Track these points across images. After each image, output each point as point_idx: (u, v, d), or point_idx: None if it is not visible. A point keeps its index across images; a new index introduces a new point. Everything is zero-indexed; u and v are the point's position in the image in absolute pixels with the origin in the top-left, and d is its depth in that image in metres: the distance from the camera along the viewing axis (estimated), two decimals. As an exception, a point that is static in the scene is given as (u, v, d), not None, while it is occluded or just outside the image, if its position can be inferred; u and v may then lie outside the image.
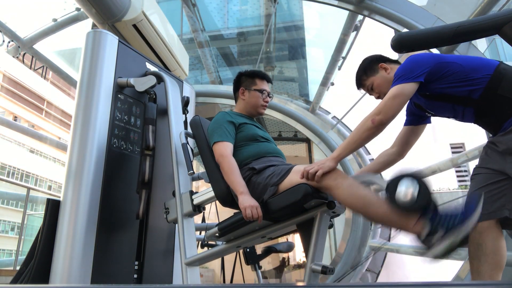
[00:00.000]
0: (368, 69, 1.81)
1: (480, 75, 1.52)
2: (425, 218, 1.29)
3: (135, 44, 3.11)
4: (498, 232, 1.49)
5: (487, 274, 1.44)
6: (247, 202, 1.57)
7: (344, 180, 1.45)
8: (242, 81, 2.07)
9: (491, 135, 1.59)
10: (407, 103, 1.73)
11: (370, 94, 1.86)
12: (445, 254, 1.26)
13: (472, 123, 1.65)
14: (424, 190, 1.28)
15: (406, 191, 1.29)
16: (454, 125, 1.86)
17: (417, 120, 1.82)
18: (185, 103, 2.75)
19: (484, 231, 1.48)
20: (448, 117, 1.71)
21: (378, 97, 1.81)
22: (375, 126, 1.51)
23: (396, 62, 1.82)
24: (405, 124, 1.86)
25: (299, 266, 9.90)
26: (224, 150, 1.76)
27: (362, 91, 1.91)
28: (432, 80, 1.57)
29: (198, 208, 2.00)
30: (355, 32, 5.26)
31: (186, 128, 2.56)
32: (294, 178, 1.57)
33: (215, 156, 1.80)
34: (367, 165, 1.92)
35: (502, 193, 1.48)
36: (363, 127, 1.54)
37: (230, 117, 1.91)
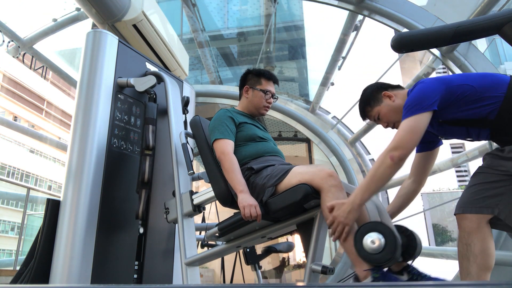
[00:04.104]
0: (372, 100, 1.74)
1: (493, 94, 1.46)
2: (374, 273, 1.34)
3: (135, 44, 3.11)
4: (487, 233, 1.48)
5: (476, 275, 1.44)
6: (246, 201, 1.57)
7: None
8: (248, 79, 2.04)
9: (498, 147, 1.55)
10: None
11: (378, 124, 1.79)
12: None
13: (486, 141, 1.62)
14: (388, 250, 1.33)
15: (374, 241, 1.35)
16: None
17: (429, 146, 1.76)
18: (185, 103, 2.75)
19: (473, 232, 1.47)
20: (461, 139, 1.66)
21: (386, 126, 1.75)
22: (395, 163, 1.43)
23: (398, 87, 1.76)
24: (418, 151, 1.79)
25: (299, 266, 9.89)
26: (225, 147, 1.76)
27: (361, 119, 1.85)
28: (444, 106, 1.51)
29: (198, 208, 2.01)
30: (355, 32, 5.25)
31: (186, 128, 2.56)
32: (293, 179, 1.56)
33: (216, 154, 1.79)
34: (390, 203, 1.87)
35: (501, 191, 1.46)
36: (382, 166, 1.45)
37: (231, 115, 1.91)
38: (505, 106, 1.44)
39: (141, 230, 2.32)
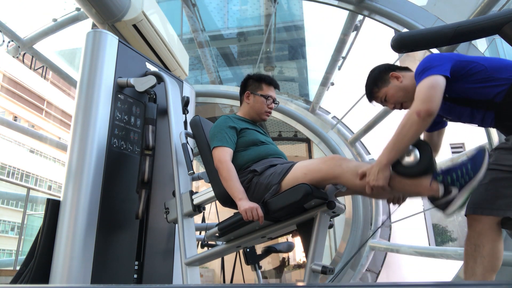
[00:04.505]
0: (379, 80, 1.71)
1: (504, 75, 1.45)
2: (437, 180, 1.34)
3: (135, 44, 3.11)
4: (498, 234, 1.46)
5: (481, 276, 1.42)
6: (246, 205, 1.57)
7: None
8: (249, 85, 2.04)
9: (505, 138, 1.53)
10: None
11: (384, 105, 1.78)
12: (460, 208, 1.33)
13: (490, 127, 1.60)
14: (424, 152, 1.39)
15: (409, 155, 1.41)
16: (454, 125, 1.83)
17: (433, 127, 1.74)
18: (185, 103, 2.75)
19: (483, 232, 1.45)
20: (466, 122, 1.64)
21: (393, 108, 1.73)
22: (422, 118, 1.38)
23: (406, 69, 1.74)
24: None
25: (299, 266, 9.89)
26: (223, 155, 1.75)
27: (368, 100, 1.83)
28: (454, 79, 1.48)
29: (198, 208, 2.01)
30: (355, 32, 5.25)
31: (186, 128, 2.56)
32: (298, 173, 1.57)
33: (214, 161, 1.79)
34: None
35: (510, 192, 1.44)
36: (408, 122, 1.40)
37: (232, 122, 1.90)
38: None
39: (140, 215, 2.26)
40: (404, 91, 1.67)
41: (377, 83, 1.73)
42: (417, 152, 1.41)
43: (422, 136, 1.77)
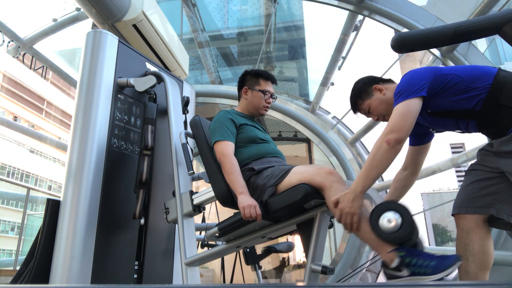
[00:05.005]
0: (363, 93, 1.76)
1: (480, 84, 1.47)
2: (399, 252, 1.30)
3: (135, 44, 3.11)
4: (486, 232, 1.48)
5: (475, 274, 1.44)
6: (246, 201, 1.57)
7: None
8: (246, 80, 2.05)
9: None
10: None
11: (369, 117, 1.82)
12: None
13: (476, 133, 1.62)
14: (407, 226, 1.31)
15: (390, 221, 1.33)
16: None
17: (421, 140, 1.78)
18: (185, 103, 2.74)
19: (471, 231, 1.48)
20: (451, 130, 1.68)
21: (377, 119, 1.77)
22: (392, 146, 1.41)
23: (389, 81, 1.77)
24: (411, 144, 1.80)
25: (299, 266, 9.89)
26: (226, 149, 1.76)
27: (353, 112, 1.87)
28: (433, 95, 1.52)
29: (198, 208, 2.00)
30: (355, 32, 5.25)
31: (186, 128, 2.56)
32: (293, 179, 1.57)
33: (216, 155, 1.79)
34: (387, 194, 1.88)
35: (493, 190, 1.47)
36: (379, 151, 1.43)
37: (232, 116, 1.91)
38: (490, 97, 1.45)
39: (142, 222, 2.28)
40: (386, 103, 1.69)
41: (361, 95, 1.77)
42: (399, 221, 1.32)
43: (411, 151, 1.78)
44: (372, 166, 1.44)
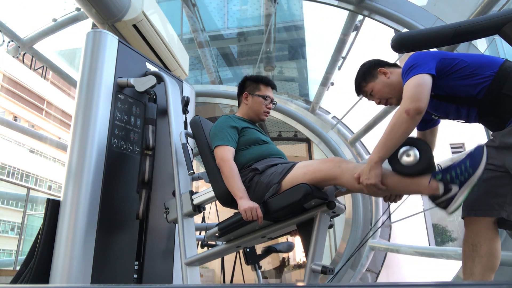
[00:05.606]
0: (367, 75, 1.76)
1: (486, 72, 1.48)
2: (436, 178, 1.34)
3: (135, 44, 3.11)
4: (495, 233, 1.47)
5: (480, 275, 1.42)
6: (247, 204, 1.58)
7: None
8: (247, 86, 2.06)
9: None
10: None
11: (370, 100, 1.82)
12: (460, 205, 1.33)
13: (477, 123, 1.62)
14: (424, 151, 1.40)
15: (408, 155, 1.41)
16: (454, 125, 1.84)
17: (424, 125, 1.78)
18: (185, 103, 2.75)
19: (480, 232, 1.46)
20: (453, 119, 1.68)
21: (379, 103, 1.77)
22: (411, 116, 1.41)
23: (395, 65, 1.78)
24: (418, 129, 1.81)
25: (299, 266, 9.90)
26: (225, 154, 1.77)
27: (356, 93, 1.87)
28: (439, 76, 1.52)
29: (198, 208, 2.00)
30: (355, 32, 5.25)
31: (186, 128, 2.56)
32: (298, 173, 1.57)
33: (216, 160, 1.80)
34: None
35: (503, 191, 1.44)
36: (398, 121, 1.43)
37: (233, 121, 1.92)
38: (493, 86, 1.46)
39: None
40: (389, 87, 1.70)
41: (365, 77, 1.77)
42: (416, 152, 1.41)
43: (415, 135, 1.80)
44: (389, 137, 1.45)
